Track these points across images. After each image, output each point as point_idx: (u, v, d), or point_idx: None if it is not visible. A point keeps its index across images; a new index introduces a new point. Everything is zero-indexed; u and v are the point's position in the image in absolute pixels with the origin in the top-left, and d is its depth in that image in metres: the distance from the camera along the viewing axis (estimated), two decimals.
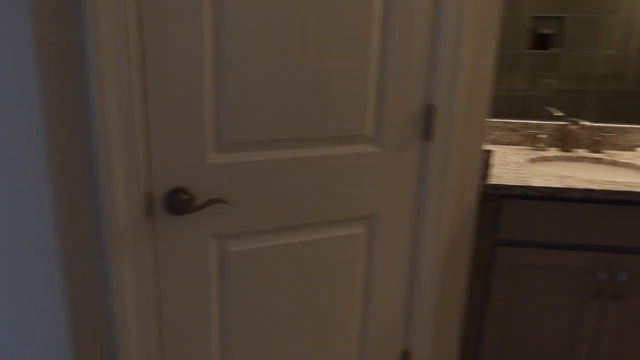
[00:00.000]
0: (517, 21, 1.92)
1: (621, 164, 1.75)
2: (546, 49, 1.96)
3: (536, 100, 1.96)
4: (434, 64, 1.20)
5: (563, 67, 1.95)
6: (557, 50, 1.95)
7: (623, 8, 1.87)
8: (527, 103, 1.97)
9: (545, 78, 1.95)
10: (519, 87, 1.96)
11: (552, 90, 1.95)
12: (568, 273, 1.53)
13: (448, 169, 1.27)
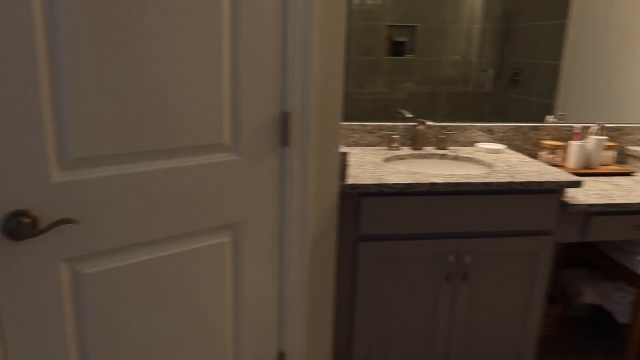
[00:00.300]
0: (375, 30, 2.06)
1: (462, 158, 1.97)
2: (402, 55, 2.14)
3: (394, 103, 2.13)
4: (286, 73, 1.25)
5: (417, 71, 2.14)
6: (411, 56, 2.13)
7: (464, 19, 2.10)
8: (386, 105, 2.13)
9: (402, 82, 2.12)
10: (379, 90, 2.11)
11: (408, 93, 2.13)
12: (423, 260, 1.68)
13: (307, 172, 1.33)
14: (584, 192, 1.80)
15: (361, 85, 2.09)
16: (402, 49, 2.12)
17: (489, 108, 2.22)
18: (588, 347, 2.24)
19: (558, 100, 2.23)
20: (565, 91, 2.22)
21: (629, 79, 2.26)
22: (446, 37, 2.12)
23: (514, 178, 1.64)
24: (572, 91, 2.23)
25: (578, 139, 2.09)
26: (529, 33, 2.16)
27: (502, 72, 2.20)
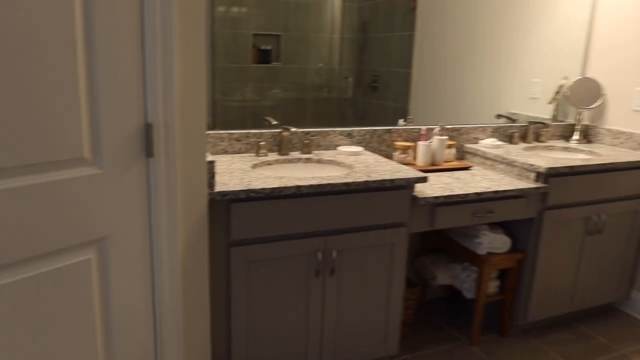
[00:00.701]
0: (241, 37, 2.11)
1: (325, 161, 2.11)
2: (268, 63, 2.21)
3: (263, 110, 2.20)
4: (147, 84, 1.25)
5: (283, 79, 2.23)
6: (277, 64, 2.22)
7: (325, 29, 2.25)
8: (255, 113, 2.19)
9: (269, 89, 2.20)
10: (247, 98, 2.17)
11: (275, 100, 2.21)
12: (293, 259, 1.77)
13: (174, 182, 1.34)
14: (430, 187, 2.04)
15: (229, 92, 2.13)
16: (269, 57, 2.21)
17: (351, 113, 2.40)
18: (444, 323, 2.52)
19: (410, 104, 2.48)
20: (415, 96, 2.49)
21: (465, 86, 2.60)
22: (310, 46, 2.25)
23: (370, 177, 1.80)
24: (420, 96, 2.50)
25: (424, 140, 2.36)
26: (383, 43, 2.38)
27: (361, 79, 2.39)
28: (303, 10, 2.19)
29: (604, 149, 2.65)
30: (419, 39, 2.44)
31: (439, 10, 2.44)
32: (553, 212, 2.26)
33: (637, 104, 2.62)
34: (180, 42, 1.31)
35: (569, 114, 2.92)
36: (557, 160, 2.29)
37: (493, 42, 2.61)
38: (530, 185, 2.15)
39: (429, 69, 2.50)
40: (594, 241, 2.43)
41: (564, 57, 2.83)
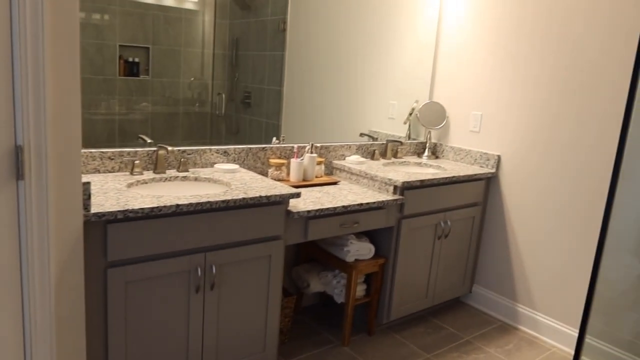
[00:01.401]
0: (107, 48, 2.07)
1: (203, 179, 2.16)
2: (137, 75, 2.19)
3: (132, 124, 2.18)
4: (17, 105, 1.22)
5: (153, 92, 2.22)
6: (146, 77, 2.20)
7: (197, 44, 2.29)
8: (124, 127, 2.16)
9: (138, 103, 2.18)
10: (115, 111, 2.12)
11: (145, 114, 2.20)
12: (174, 277, 1.80)
13: (46, 206, 1.31)
14: (303, 201, 2.20)
15: (93, 105, 2.07)
16: (137, 69, 2.19)
17: (224, 129, 2.47)
18: (319, 328, 2.70)
19: (282, 122, 2.63)
20: (287, 114, 2.65)
21: (332, 107, 2.83)
22: (181, 60, 2.27)
23: (247, 194, 1.91)
24: (292, 115, 2.66)
25: (296, 157, 2.52)
26: (255, 61, 2.50)
27: (235, 95, 2.47)
28: (173, 23, 2.22)
29: (449, 164, 3.06)
30: (289, 58, 2.61)
31: (306, 33, 2.64)
32: (408, 221, 2.56)
33: (473, 126, 3.08)
34: (52, 63, 1.30)
35: (420, 133, 3.31)
36: (411, 175, 2.61)
37: (356, 65, 2.89)
38: (389, 197, 2.42)
39: (299, 88, 2.68)
40: (442, 245, 2.80)
41: (415, 82, 3.22)
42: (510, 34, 2.85)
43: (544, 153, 2.72)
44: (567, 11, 2.59)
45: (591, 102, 2.52)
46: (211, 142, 2.42)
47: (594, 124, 2.51)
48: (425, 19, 3.15)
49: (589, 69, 2.52)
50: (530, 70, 2.76)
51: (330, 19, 2.72)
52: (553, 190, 2.70)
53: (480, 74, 3.01)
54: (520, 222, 2.86)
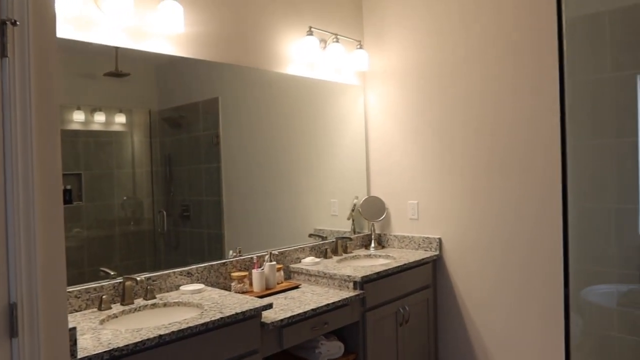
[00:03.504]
0: None
1: (172, 304, 2.19)
2: (70, 203, 2.21)
3: (69, 251, 2.18)
4: (11, 262, 1.27)
5: (86, 217, 2.22)
6: (79, 203, 2.22)
7: (129, 164, 2.37)
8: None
9: (70, 230, 2.14)
10: None
11: (79, 240, 2.15)
12: None
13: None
14: (273, 311, 2.27)
15: None
16: (70, 196, 2.22)
17: (163, 244, 2.48)
18: None
19: (227, 231, 2.71)
20: (232, 224, 2.74)
21: (278, 212, 2.99)
22: (114, 182, 2.30)
23: (224, 313, 1.96)
24: (237, 223, 2.78)
25: (257, 267, 2.61)
26: (190, 174, 2.61)
27: (172, 210, 2.53)
28: (103, 147, 2.28)
29: (396, 252, 3.28)
30: (226, 169, 2.75)
31: (241, 143, 2.81)
32: (372, 313, 2.68)
33: (412, 214, 3.36)
34: (42, 220, 1.37)
35: (364, 226, 3.54)
36: (367, 268, 2.77)
37: (295, 169, 3.12)
38: (352, 293, 2.55)
39: (241, 196, 2.81)
40: (404, 331, 2.93)
41: (353, 180, 3.49)
42: (423, 127, 3.24)
43: (480, 230, 3.02)
44: (470, 93, 3.03)
45: (514, 179, 2.89)
46: (150, 260, 2.42)
47: (520, 198, 2.87)
48: (353, 117, 3.51)
49: (509, 150, 2.92)
50: (455, 155, 3.13)
51: (263, 128, 2.96)
52: (492, 261, 2.97)
53: (409, 165, 3.35)
54: (469, 296, 3.08)
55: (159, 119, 2.49)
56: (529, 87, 2.81)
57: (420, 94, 3.30)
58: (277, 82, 3.03)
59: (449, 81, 3.15)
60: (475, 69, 3.03)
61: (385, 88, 3.49)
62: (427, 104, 3.26)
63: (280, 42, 3.04)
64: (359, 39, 3.52)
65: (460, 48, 3.09)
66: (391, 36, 3.45)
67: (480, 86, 3.01)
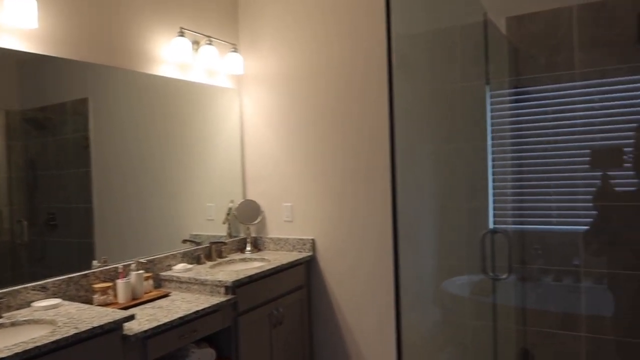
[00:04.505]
0: None
1: (22, 322, 2.01)
2: None
3: None
4: None
5: None
6: None
7: None
8: None
9: None
10: None
11: None
12: None
13: None
14: (137, 322, 2.19)
15: None
16: None
17: (26, 257, 2.30)
18: None
19: (99, 239, 2.58)
20: (103, 231, 2.61)
21: (149, 217, 2.89)
22: None
23: (79, 328, 1.85)
24: (108, 231, 2.64)
25: (123, 277, 2.50)
26: (56, 180, 2.43)
27: (36, 219, 2.35)
28: None
29: (271, 254, 3.33)
30: (97, 174, 2.61)
31: (113, 146, 2.69)
32: (244, 317, 2.70)
33: (286, 216, 3.43)
34: None
35: (240, 230, 3.54)
36: (239, 272, 2.78)
37: (169, 173, 3.03)
38: (222, 299, 2.55)
39: (113, 202, 2.69)
40: (278, 332, 2.98)
41: (228, 184, 3.48)
42: (297, 131, 3.34)
43: (347, 230, 3.18)
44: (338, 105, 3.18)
45: (365, 183, 3.08)
46: (9, 275, 2.23)
47: (369, 201, 3.07)
48: (229, 121, 3.49)
49: (357, 156, 3.10)
50: (324, 158, 3.26)
51: (137, 130, 2.84)
52: (360, 259, 3.14)
53: (283, 169, 3.43)
54: (341, 294, 3.23)
55: (20, 119, 2.28)
56: (375, 95, 3.03)
57: (293, 98, 3.39)
58: (150, 84, 2.93)
59: (317, 86, 3.28)
60: (333, 76, 3.20)
61: (260, 92, 3.53)
62: (298, 108, 3.36)
63: (150, 42, 2.93)
64: (233, 43, 3.52)
65: (323, 55, 3.25)
66: (266, 40, 3.49)
67: (340, 93, 3.18)
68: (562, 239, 2.75)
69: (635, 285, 2.56)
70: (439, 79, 3.13)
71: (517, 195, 2.91)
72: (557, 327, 2.75)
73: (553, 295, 2.81)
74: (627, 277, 2.58)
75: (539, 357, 2.81)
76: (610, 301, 2.65)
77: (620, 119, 2.61)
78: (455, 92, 3.08)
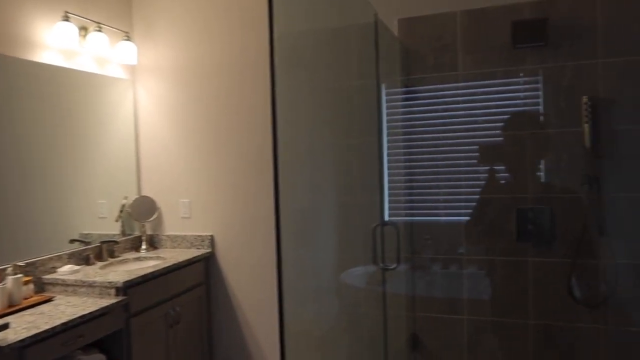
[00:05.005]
0: None
1: None
2: None
3: None
4: None
5: None
6: None
7: None
8: None
9: None
10: None
11: None
12: None
13: None
14: (13, 331, 2.02)
15: None
16: None
17: None
18: None
19: None
20: None
21: (32, 217, 2.66)
22: None
23: None
24: None
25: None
26: None
27: None
28: None
29: (168, 252, 3.22)
30: None
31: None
32: (137, 318, 2.59)
33: (184, 212, 3.34)
34: None
35: (135, 228, 3.39)
36: (132, 272, 2.66)
37: (57, 169, 2.82)
38: (112, 300, 2.42)
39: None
40: (175, 332, 2.90)
41: (122, 180, 3.31)
42: (194, 125, 3.26)
43: (245, 225, 3.17)
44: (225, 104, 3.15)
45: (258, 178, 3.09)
46: None
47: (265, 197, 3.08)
48: (122, 113, 3.31)
49: (254, 151, 3.10)
50: (223, 153, 3.21)
51: (17, 121, 2.61)
52: (257, 254, 3.14)
53: (181, 163, 3.32)
54: (241, 290, 3.21)
55: None
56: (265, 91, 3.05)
57: (188, 91, 3.30)
58: (33, 72, 2.69)
59: (210, 80, 3.23)
60: (225, 71, 3.17)
61: (156, 83, 3.39)
62: (194, 102, 3.28)
63: (31, 26, 2.69)
64: (126, 31, 3.33)
65: (215, 49, 3.20)
66: (161, 31, 3.36)
67: (233, 88, 3.16)
68: (449, 229, 2.95)
69: (507, 270, 2.81)
70: (336, 77, 3.20)
71: (410, 189, 3.07)
72: (443, 312, 2.95)
73: (440, 282, 3.00)
74: (501, 263, 2.83)
75: (426, 341, 3.00)
76: (487, 285, 2.89)
77: (498, 118, 2.85)
78: (352, 90, 3.17)
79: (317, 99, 2.98)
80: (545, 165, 2.76)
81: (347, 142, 3.16)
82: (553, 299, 2.72)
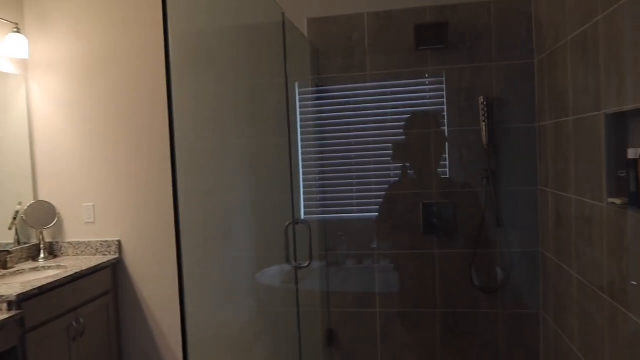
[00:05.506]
0: None
1: None
2: None
3: None
4: None
5: None
6: None
7: None
8: None
9: None
10: None
11: None
12: None
13: None
14: None
15: None
16: None
17: None
18: None
19: None
20: None
21: None
22: None
23: None
24: None
25: None
26: None
27: None
28: None
29: (70, 260, 3.01)
30: None
31: None
32: (34, 333, 2.40)
33: (87, 217, 3.14)
34: None
35: (32, 236, 3.14)
36: (27, 284, 2.46)
37: None
38: (4, 316, 2.23)
39: None
40: (79, 345, 2.72)
41: (15, 185, 3.04)
42: (94, 125, 3.09)
43: (150, 230, 3.05)
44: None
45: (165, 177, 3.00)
46: None
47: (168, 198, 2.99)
48: (12, 111, 3.04)
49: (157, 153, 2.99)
50: (130, 155, 3.06)
51: None
52: (167, 259, 3.04)
53: (83, 166, 3.12)
54: (151, 295, 3.08)
55: None
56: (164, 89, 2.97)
57: (87, 88, 3.11)
58: None
59: (109, 78, 3.07)
60: (124, 68, 3.04)
61: (53, 80, 3.15)
62: (94, 100, 3.10)
63: None
64: (16, 22, 3.07)
65: (112, 45, 3.06)
66: (57, 22, 3.12)
67: (134, 86, 3.03)
68: (362, 225, 3.03)
69: (416, 262, 2.94)
70: (247, 76, 3.16)
71: (324, 187, 3.11)
72: (357, 306, 3.02)
73: (354, 277, 3.08)
74: (410, 256, 2.96)
75: (342, 335, 3.06)
76: (397, 278, 3.01)
77: (405, 117, 2.96)
78: (263, 89, 3.15)
79: (227, 98, 2.93)
80: (449, 162, 2.92)
81: (260, 141, 3.14)
82: (456, 287, 2.89)
